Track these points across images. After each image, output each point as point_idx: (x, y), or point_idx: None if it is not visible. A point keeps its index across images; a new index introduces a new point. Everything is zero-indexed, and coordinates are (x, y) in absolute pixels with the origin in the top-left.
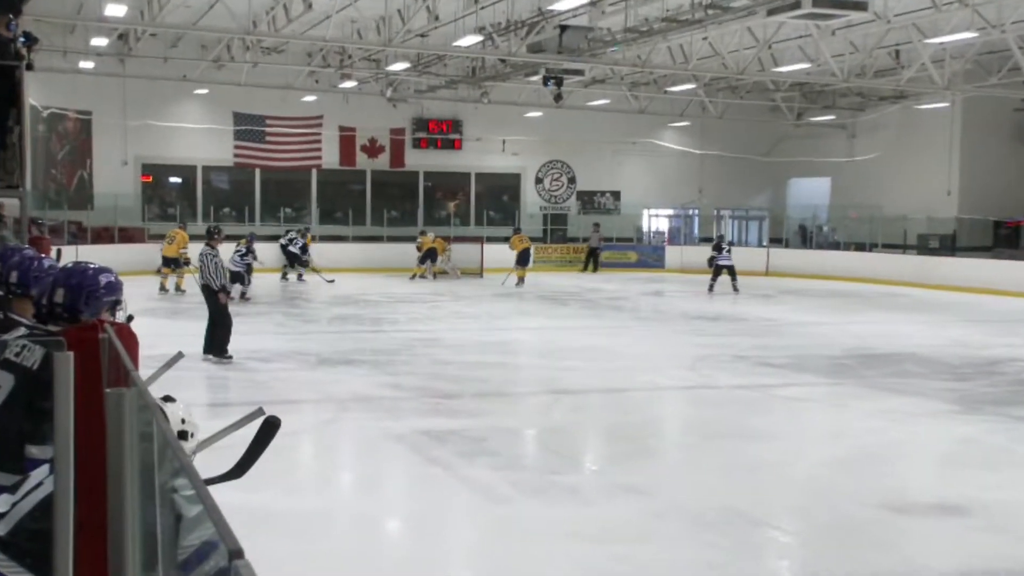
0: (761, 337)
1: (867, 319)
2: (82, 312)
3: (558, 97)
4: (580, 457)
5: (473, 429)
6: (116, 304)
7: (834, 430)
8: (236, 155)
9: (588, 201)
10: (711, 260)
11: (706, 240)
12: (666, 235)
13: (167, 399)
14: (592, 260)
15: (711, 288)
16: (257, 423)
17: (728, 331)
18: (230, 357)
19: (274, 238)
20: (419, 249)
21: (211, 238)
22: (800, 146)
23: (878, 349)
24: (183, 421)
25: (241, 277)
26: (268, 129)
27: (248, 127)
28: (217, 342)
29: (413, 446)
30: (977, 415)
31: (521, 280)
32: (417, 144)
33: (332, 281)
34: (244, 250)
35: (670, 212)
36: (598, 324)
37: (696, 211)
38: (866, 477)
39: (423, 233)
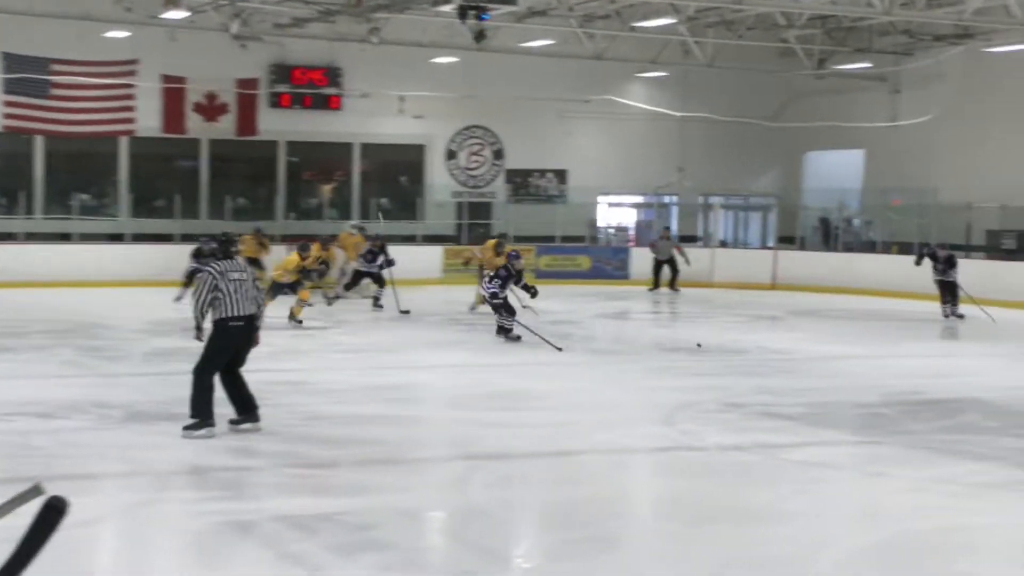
0: (765, 377)
1: (914, 351)
2: None
3: (480, 35)
4: (507, 551)
5: (355, 512)
6: None
7: (868, 509)
8: (6, 116)
9: (522, 184)
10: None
11: (688, 239)
12: (632, 233)
13: None
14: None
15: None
16: (34, 506)
17: (719, 368)
18: None
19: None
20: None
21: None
22: (821, 106)
23: (929, 393)
24: None
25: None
26: (55, 79)
27: (25, 75)
28: None
29: (267, 539)
30: None
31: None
32: (276, 102)
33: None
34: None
35: (638, 200)
36: (536, 360)
37: (675, 199)
38: None
39: (361, 229)
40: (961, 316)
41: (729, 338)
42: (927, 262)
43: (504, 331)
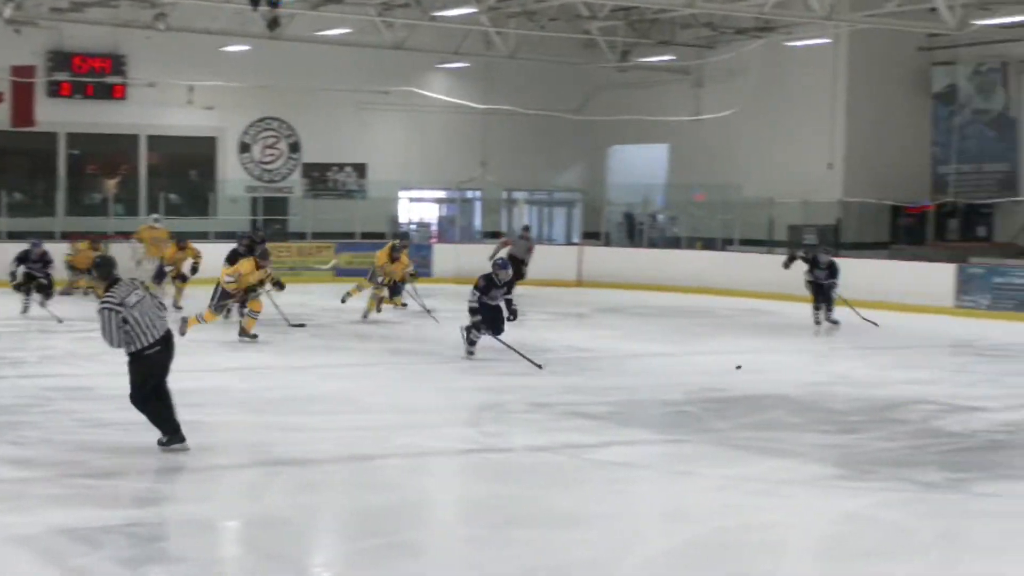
0: (571, 375)
1: (720, 348)
2: None
3: (273, 23)
4: (306, 560)
5: (143, 523)
6: None
7: (675, 509)
8: None
9: (319, 179)
10: None
11: (492, 235)
12: (434, 229)
13: None
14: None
15: None
16: None
17: (524, 368)
18: None
19: None
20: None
21: None
22: (626, 99)
23: (735, 390)
24: None
25: None
26: None
27: None
28: None
29: (48, 554)
30: (870, 481)
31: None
32: (55, 91)
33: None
34: None
35: (440, 195)
36: (337, 362)
37: (479, 194)
38: (721, 574)
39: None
40: (836, 322)
41: (535, 336)
42: (799, 264)
43: (470, 342)
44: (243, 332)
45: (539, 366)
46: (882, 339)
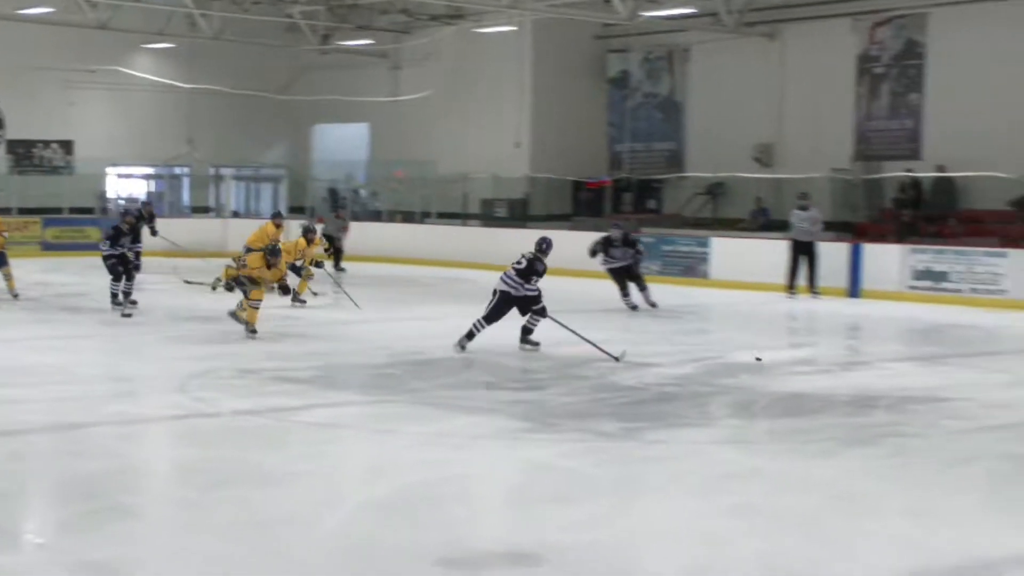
0: (277, 343)
1: (419, 314)
2: None
3: None
4: (17, 527)
5: None
6: None
7: (376, 465)
8: None
9: (25, 155)
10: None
11: (200, 210)
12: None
13: None
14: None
15: None
16: None
17: (230, 336)
18: None
19: None
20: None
21: None
22: (328, 80)
23: (432, 353)
24: None
25: None
26: None
27: None
28: None
29: None
30: (553, 433)
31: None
32: None
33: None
34: None
35: (149, 171)
36: (44, 334)
37: (187, 170)
38: (418, 525)
39: None
40: (654, 304)
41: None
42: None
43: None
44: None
45: (616, 359)
46: (567, 303)
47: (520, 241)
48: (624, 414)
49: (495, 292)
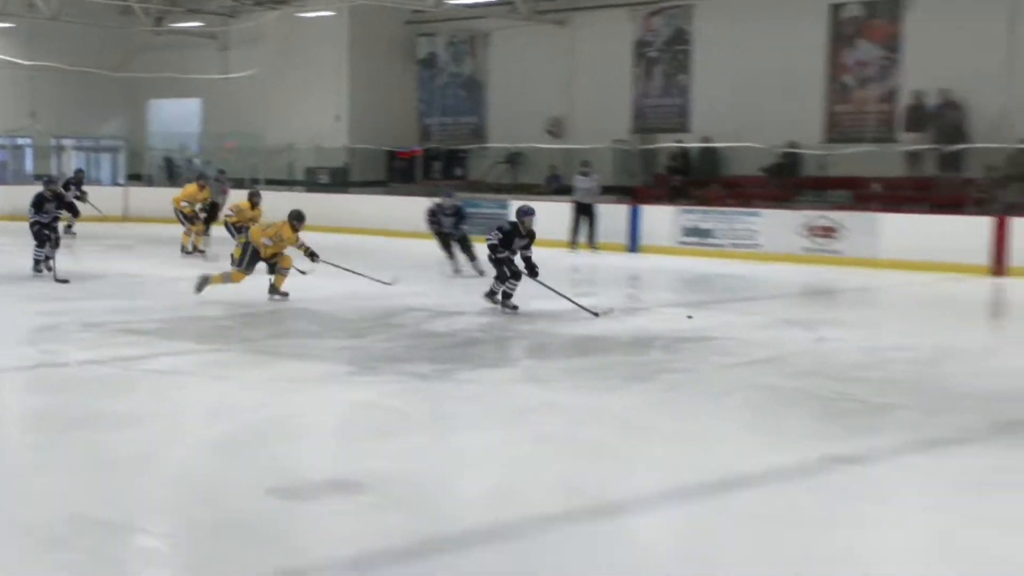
0: (122, 299)
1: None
2: None
3: None
4: None
5: None
6: None
7: (212, 407)
8: None
9: None
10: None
11: (41, 178)
12: None
13: None
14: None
15: None
16: None
17: (80, 294)
18: None
19: None
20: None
21: None
22: (162, 59)
23: (264, 307)
24: None
25: None
26: None
27: None
28: None
29: None
30: (375, 376)
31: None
32: None
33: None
34: None
35: None
36: None
37: (29, 141)
38: (251, 461)
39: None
40: (481, 272)
41: (87, 266)
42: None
43: (501, 296)
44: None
45: (596, 314)
46: (386, 261)
47: (340, 204)
48: (438, 357)
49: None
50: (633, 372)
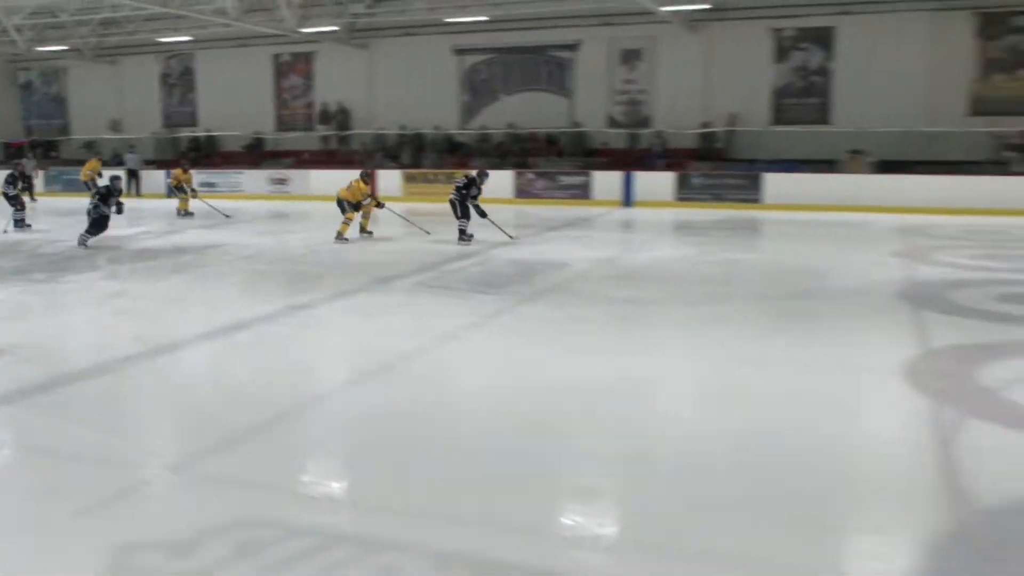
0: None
1: None
2: None
3: None
4: None
5: None
6: None
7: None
8: None
9: None
10: None
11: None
12: None
13: None
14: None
15: None
16: None
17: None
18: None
19: None
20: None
21: None
22: None
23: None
24: None
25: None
26: None
27: None
28: None
29: None
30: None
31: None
32: None
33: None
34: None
35: None
36: None
37: None
38: None
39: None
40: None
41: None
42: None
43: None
44: (362, 229)
45: (512, 237)
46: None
47: None
48: (50, 268)
49: (451, 203)
50: (175, 269)
